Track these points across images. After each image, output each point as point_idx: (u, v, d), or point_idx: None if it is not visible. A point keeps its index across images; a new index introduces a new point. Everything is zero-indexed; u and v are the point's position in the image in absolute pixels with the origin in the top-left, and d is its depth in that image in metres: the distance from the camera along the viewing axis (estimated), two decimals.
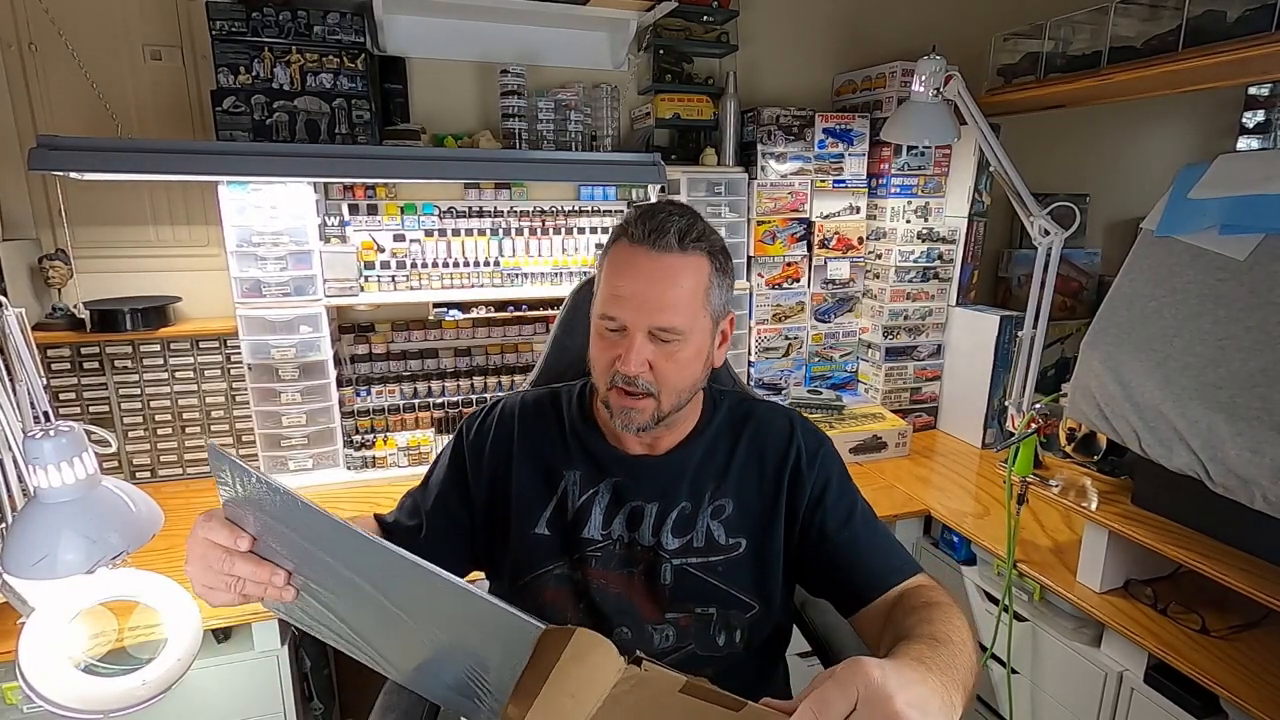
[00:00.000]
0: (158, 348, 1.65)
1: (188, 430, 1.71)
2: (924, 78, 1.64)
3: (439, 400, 1.85)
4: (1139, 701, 1.24)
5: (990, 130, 1.64)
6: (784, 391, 2.10)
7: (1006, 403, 1.78)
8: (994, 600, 1.51)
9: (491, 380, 1.88)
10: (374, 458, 1.75)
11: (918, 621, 0.75)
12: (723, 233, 1.93)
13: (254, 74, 1.54)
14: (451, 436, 1.02)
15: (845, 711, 0.52)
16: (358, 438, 1.77)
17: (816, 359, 2.17)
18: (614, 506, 0.93)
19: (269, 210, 1.57)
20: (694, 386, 0.90)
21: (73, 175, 1.42)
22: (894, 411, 2.05)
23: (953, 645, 0.69)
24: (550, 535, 0.93)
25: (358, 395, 1.79)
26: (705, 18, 1.92)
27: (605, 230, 1.93)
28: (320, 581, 0.67)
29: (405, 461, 1.77)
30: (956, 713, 0.59)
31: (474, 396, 1.87)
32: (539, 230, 1.87)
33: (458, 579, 0.60)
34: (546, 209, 1.87)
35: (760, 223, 1.99)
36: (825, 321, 2.15)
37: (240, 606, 1.19)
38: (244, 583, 0.67)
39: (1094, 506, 1.32)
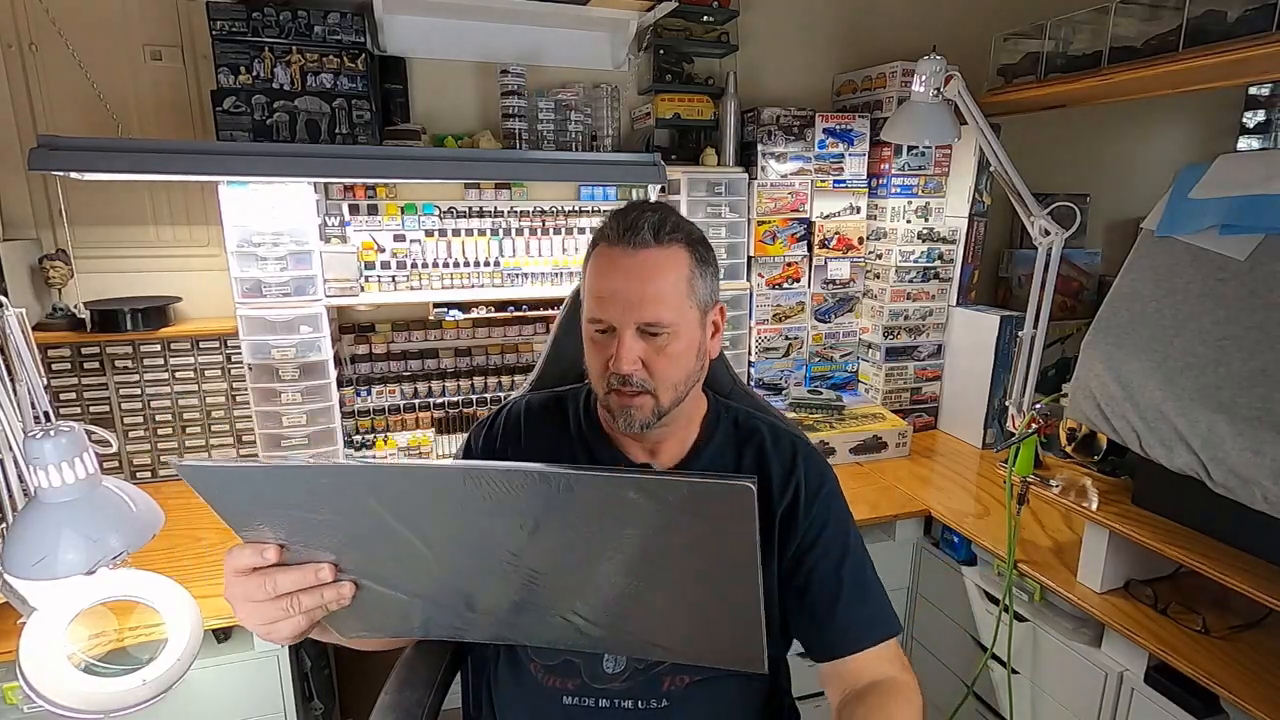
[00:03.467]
0: (158, 348, 1.65)
1: (188, 430, 1.71)
2: (924, 78, 1.64)
3: (439, 400, 1.85)
4: (1139, 702, 1.24)
5: (990, 130, 1.64)
6: (784, 392, 2.10)
7: (1007, 403, 1.78)
8: (994, 600, 1.51)
9: (492, 380, 1.88)
10: (374, 458, 1.75)
11: None
12: (722, 233, 1.97)
13: (254, 74, 1.54)
14: (458, 452, 1.02)
15: None
16: (358, 438, 1.77)
17: (817, 359, 2.17)
18: None
19: (269, 210, 1.57)
20: (690, 379, 0.88)
21: (73, 175, 1.42)
22: (894, 411, 2.05)
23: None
24: None
25: (358, 395, 1.79)
26: (705, 18, 1.92)
27: None
28: (376, 552, 0.62)
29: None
30: None
31: (474, 396, 1.87)
32: (539, 230, 1.87)
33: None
34: (547, 209, 1.87)
35: (760, 223, 1.99)
36: (825, 321, 2.15)
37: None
38: (297, 598, 0.62)
39: (1094, 506, 1.31)
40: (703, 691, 0.90)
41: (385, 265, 1.76)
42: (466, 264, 1.82)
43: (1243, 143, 2.80)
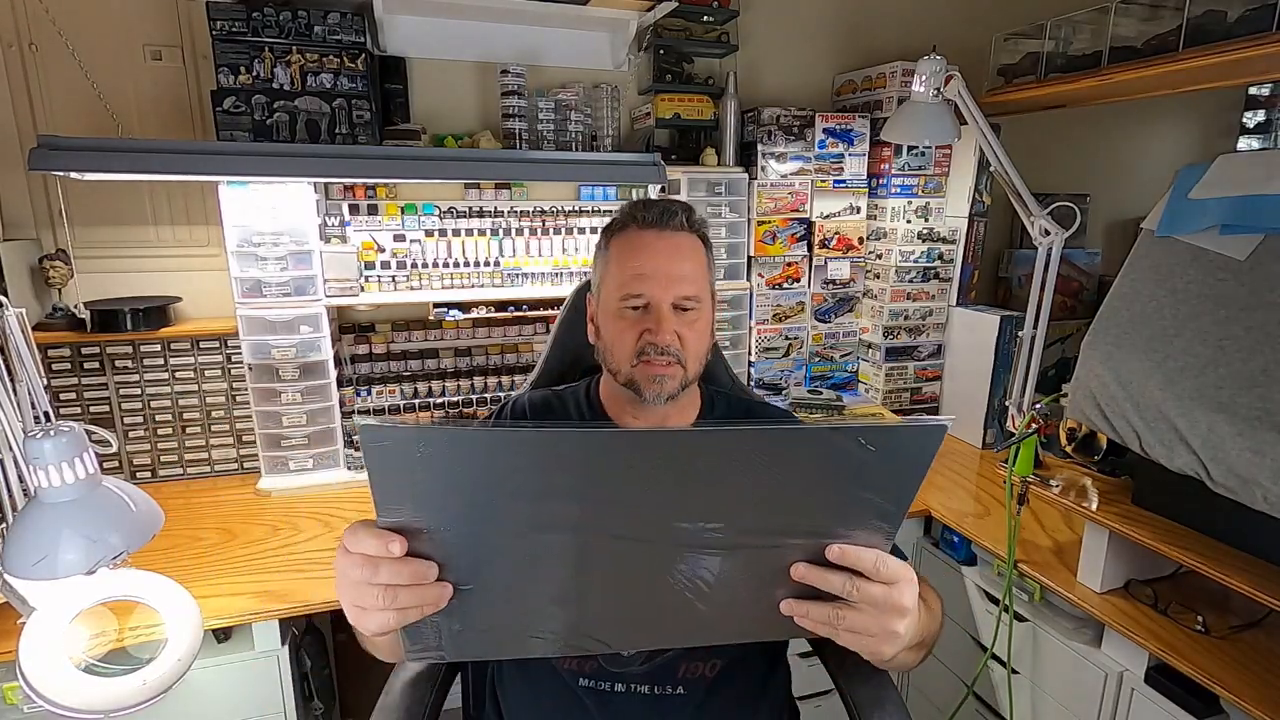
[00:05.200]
0: (158, 348, 1.65)
1: (188, 430, 1.71)
2: (924, 77, 1.64)
3: (439, 400, 1.85)
4: (1139, 702, 1.24)
5: (990, 130, 1.64)
6: (784, 392, 2.10)
7: (1007, 403, 1.78)
8: (994, 600, 1.51)
9: (491, 380, 1.88)
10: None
11: None
12: (723, 233, 1.99)
13: (254, 74, 1.54)
14: None
15: (883, 581, 0.63)
16: (358, 438, 1.76)
17: (817, 359, 2.17)
18: None
19: (269, 210, 1.57)
20: (706, 354, 0.98)
21: (73, 175, 1.42)
22: (894, 411, 2.05)
23: (925, 606, 0.84)
24: None
25: (358, 395, 1.79)
26: (705, 18, 1.92)
27: None
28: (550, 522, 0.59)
29: None
30: (903, 639, 0.67)
31: (474, 397, 1.87)
32: (539, 230, 1.87)
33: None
34: (547, 209, 1.87)
35: (760, 223, 1.99)
36: (825, 321, 2.15)
37: (242, 607, 1.20)
38: (396, 593, 0.58)
39: (1094, 506, 1.31)
40: (718, 682, 0.91)
41: (385, 265, 1.76)
42: (466, 264, 1.82)
43: (1243, 143, 2.80)
